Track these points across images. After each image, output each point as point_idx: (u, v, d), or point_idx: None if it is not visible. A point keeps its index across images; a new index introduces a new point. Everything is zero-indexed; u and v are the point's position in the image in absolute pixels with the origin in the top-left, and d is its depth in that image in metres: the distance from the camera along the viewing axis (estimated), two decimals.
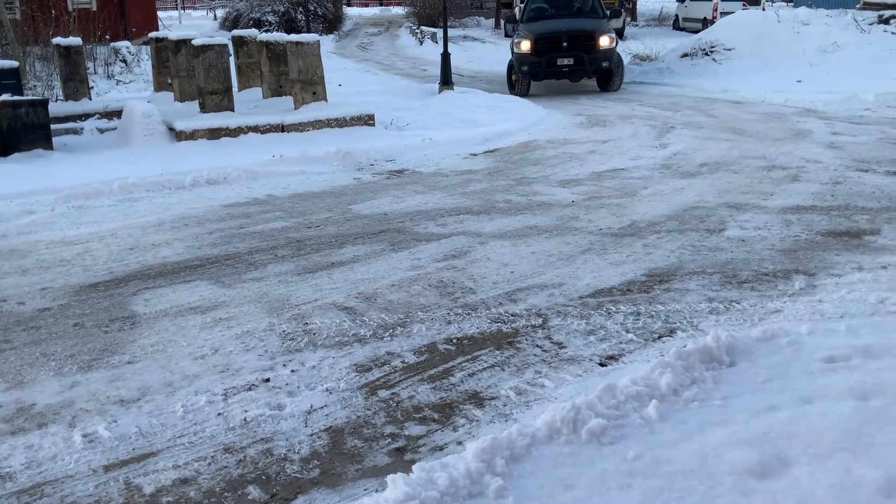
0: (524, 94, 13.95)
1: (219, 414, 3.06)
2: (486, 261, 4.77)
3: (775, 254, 4.70)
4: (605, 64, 13.63)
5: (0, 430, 2.97)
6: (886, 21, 15.09)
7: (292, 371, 3.40)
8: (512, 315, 3.94)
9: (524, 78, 14.11)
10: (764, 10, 20.92)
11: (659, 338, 3.64)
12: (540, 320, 3.86)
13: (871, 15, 15.50)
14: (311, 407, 3.11)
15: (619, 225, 5.44)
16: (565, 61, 13.56)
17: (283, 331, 3.82)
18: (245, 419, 3.02)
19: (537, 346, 3.59)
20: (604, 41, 13.51)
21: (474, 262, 4.77)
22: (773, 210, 5.66)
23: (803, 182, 6.51)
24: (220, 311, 4.07)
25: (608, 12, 15.09)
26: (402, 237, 5.31)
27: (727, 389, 2.98)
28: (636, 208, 5.87)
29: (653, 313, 3.90)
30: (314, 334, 3.77)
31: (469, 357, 3.50)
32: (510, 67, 14.67)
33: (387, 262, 4.81)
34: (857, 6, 16.32)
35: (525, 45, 13.78)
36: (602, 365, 3.39)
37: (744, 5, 22.95)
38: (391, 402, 3.14)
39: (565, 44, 13.44)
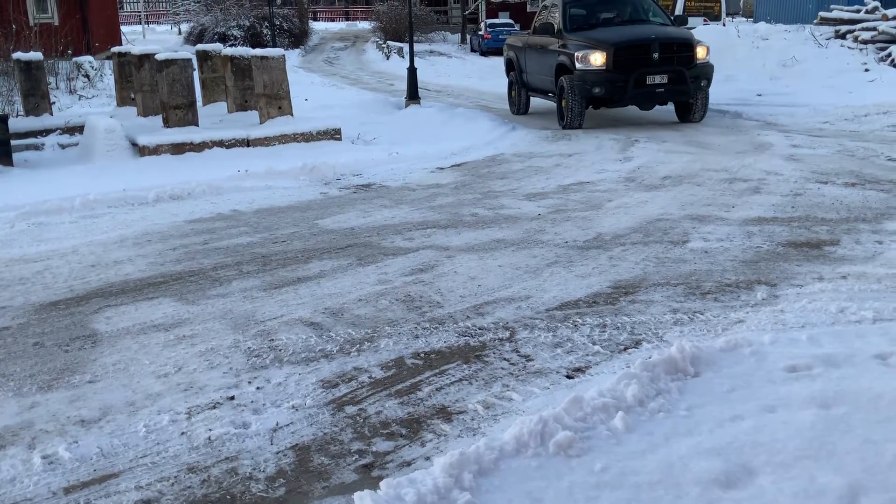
0: (579, 124, 10.90)
1: (182, 433, 3.01)
2: (453, 274, 4.78)
3: (738, 265, 4.77)
4: (704, 83, 10.69)
5: None
6: (843, 36, 15.47)
7: (258, 388, 3.36)
8: (479, 328, 3.94)
9: (582, 103, 10.72)
10: (724, 25, 21.34)
11: (625, 349, 3.66)
12: (507, 333, 3.87)
13: (829, 30, 15.88)
14: (277, 424, 3.07)
15: (585, 238, 5.48)
16: (658, 79, 10.37)
17: (249, 347, 3.78)
18: (209, 438, 2.97)
19: (505, 359, 3.59)
20: (701, 52, 10.72)
21: (442, 275, 4.77)
22: (735, 222, 5.75)
23: (764, 194, 6.62)
24: (183, 328, 4.01)
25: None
26: (369, 251, 5.30)
27: (692, 400, 3.00)
28: (601, 221, 5.92)
29: (618, 325, 3.93)
30: (280, 350, 3.74)
31: (437, 371, 3.49)
32: (560, 91, 10.99)
33: (354, 276, 4.79)
34: (815, 21, 16.71)
35: (596, 59, 10.41)
36: (569, 377, 3.40)
37: (705, 21, 23.38)
38: (358, 417, 3.11)
39: (656, 55, 10.35)
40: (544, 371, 3.46)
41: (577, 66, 10.61)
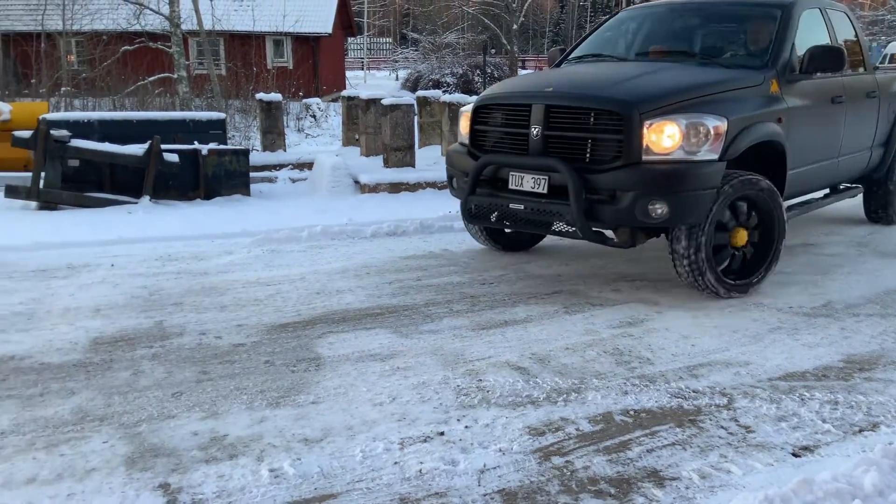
0: (481, 238, 6.46)
1: (395, 463, 3.11)
2: (664, 331, 4.61)
3: None
4: (658, 209, 4.67)
5: (195, 457, 3.16)
6: None
7: (466, 427, 3.41)
8: (694, 391, 3.77)
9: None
10: None
11: (860, 431, 3.34)
12: (725, 400, 3.66)
13: None
14: (485, 466, 3.09)
15: (812, 304, 5.09)
16: (529, 184, 5.11)
17: (458, 385, 3.85)
18: (420, 471, 3.05)
19: (722, 427, 3.40)
20: (664, 138, 4.69)
21: (651, 331, 4.62)
22: None
23: None
24: (397, 360, 4.17)
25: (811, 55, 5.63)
26: (575, 300, 5.25)
27: None
28: (830, 287, 5.49)
29: (852, 403, 3.59)
30: (488, 392, 3.78)
31: (647, 431, 3.37)
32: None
33: (560, 324, 4.76)
34: None
35: (463, 125, 5.85)
36: (795, 455, 3.15)
37: None
38: (565, 470, 3.06)
39: (536, 131, 5.03)
40: (767, 445, 3.23)
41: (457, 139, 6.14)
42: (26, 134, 8.47)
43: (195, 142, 9.13)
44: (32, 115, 9.59)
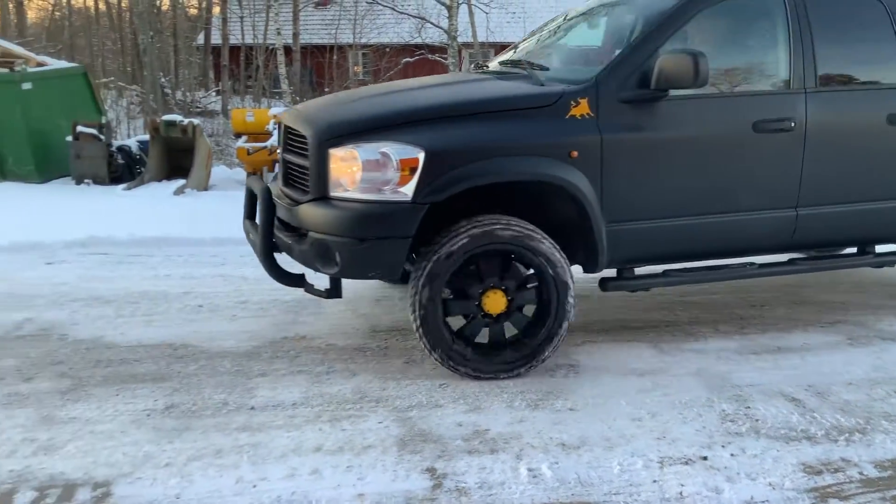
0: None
1: (654, 481, 3.04)
2: None
3: None
4: (335, 256, 3.86)
5: (459, 447, 3.32)
6: None
7: (732, 455, 3.25)
8: None
9: None
10: None
11: None
12: None
13: None
14: (752, 498, 2.92)
15: None
16: (279, 211, 4.28)
17: (723, 410, 3.67)
18: (681, 493, 2.95)
19: None
20: (352, 168, 3.81)
21: None
22: None
23: None
24: (658, 376, 4.07)
25: None
26: (862, 332, 4.77)
27: None
28: None
29: None
30: (757, 421, 3.56)
31: None
32: None
33: (843, 356, 4.36)
34: None
35: None
36: None
37: None
38: None
39: (280, 152, 4.72)
40: None
41: None
42: None
43: None
44: None
